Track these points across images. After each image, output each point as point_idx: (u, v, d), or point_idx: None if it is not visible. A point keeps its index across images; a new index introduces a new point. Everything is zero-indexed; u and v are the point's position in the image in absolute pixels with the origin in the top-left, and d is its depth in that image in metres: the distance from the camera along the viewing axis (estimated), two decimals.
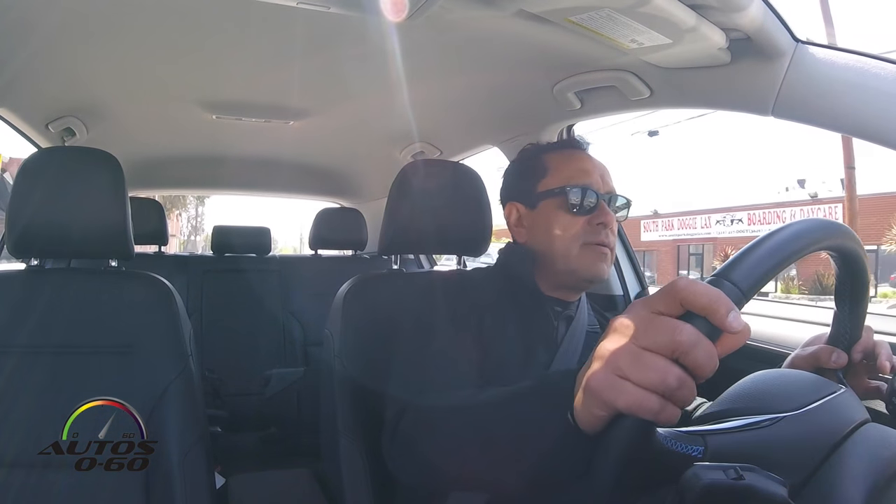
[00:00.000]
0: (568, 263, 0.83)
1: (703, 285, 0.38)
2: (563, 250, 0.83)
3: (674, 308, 0.38)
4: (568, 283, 0.86)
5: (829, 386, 0.54)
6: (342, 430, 0.97)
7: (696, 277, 7.65)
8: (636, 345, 0.38)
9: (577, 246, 0.83)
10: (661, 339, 0.37)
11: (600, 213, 0.83)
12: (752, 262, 0.42)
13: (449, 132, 1.59)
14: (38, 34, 0.97)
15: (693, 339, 0.36)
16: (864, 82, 0.69)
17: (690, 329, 0.37)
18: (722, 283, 0.41)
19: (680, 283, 0.38)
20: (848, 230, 0.53)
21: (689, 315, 0.38)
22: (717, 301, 0.37)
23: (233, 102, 1.40)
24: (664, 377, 0.36)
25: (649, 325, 0.38)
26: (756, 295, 0.42)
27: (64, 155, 1.06)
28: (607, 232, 0.83)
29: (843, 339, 0.61)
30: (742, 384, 0.54)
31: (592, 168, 0.87)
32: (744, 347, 0.40)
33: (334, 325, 1.06)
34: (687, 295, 0.37)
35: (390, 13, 0.79)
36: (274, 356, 2.10)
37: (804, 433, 0.47)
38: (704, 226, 18.18)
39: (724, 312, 0.37)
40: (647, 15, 0.73)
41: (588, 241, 0.83)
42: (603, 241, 0.83)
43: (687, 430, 0.45)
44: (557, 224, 0.84)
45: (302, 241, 30.41)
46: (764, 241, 0.44)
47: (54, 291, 0.95)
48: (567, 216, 0.84)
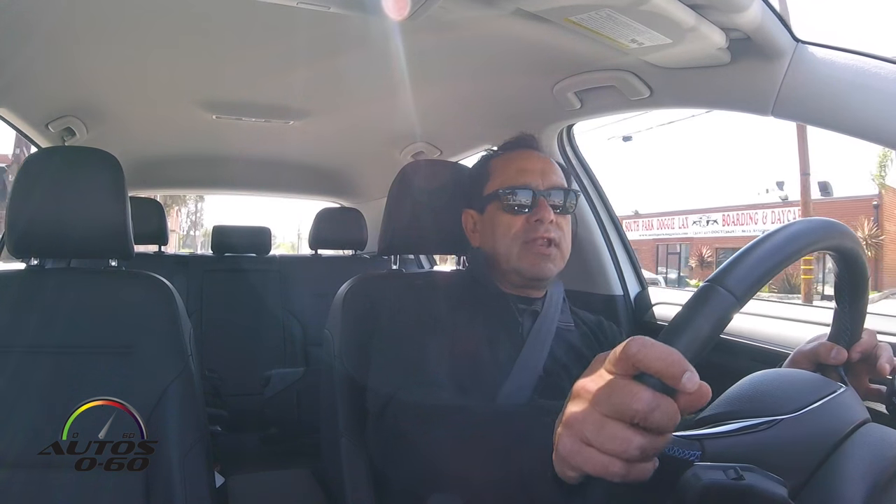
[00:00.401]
0: (510, 263, 0.86)
1: (657, 348, 0.38)
2: (505, 251, 0.87)
3: (630, 370, 0.39)
4: (517, 282, 0.88)
5: (829, 385, 0.54)
6: (343, 429, 0.97)
7: (674, 276, 7.69)
8: (598, 411, 0.39)
9: (517, 245, 0.86)
10: (620, 406, 0.38)
11: (537, 210, 0.84)
12: (746, 268, 0.42)
13: (449, 132, 1.60)
14: (38, 34, 0.97)
15: (651, 406, 0.37)
16: (864, 82, 0.69)
17: (647, 396, 0.37)
18: (716, 290, 0.41)
19: (632, 348, 0.38)
20: (846, 229, 0.52)
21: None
22: (670, 365, 0.37)
23: (233, 102, 1.40)
24: (626, 446, 0.37)
25: (609, 390, 0.39)
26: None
27: (64, 155, 1.06)
28: (547, 227, 0.85)
29: (844, 337, 0.61)
30: (740, 385, 0.53)
31: (532, 166, 0.89)
32: (744, 347, 0.40)
33: (334, 326, 1.06)
34: (640, 359, 0.38)
35: (390, 13, 0.79)
36: (274, 356, 2.10)
37: (802, 436, 0.47)
38: (682, 226, 18.74)
39: (679, 376, 0.37)
40: (647, 14, 0.73)
41: (527, 238, 0.85)
42: (542, 235, 0.84)
43: (684, 435, 0.45)
44: (499, 225, 0.87)
45: (300, 237, 30.91)
46: (759, 244, 0.44)
47: (54, 291, 0.95)
48: (506, 217, 0.87)
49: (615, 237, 1.36)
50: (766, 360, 0.92)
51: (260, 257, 2.35)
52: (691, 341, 0.40)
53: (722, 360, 0.89)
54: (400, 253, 1.17)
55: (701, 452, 0.43)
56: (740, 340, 1.01)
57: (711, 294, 0.41)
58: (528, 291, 0.89)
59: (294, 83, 1.25)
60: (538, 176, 0.87)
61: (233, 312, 2.14)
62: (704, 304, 0.41)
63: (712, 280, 0.42)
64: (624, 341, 0.39)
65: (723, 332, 0.41)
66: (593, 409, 0.39)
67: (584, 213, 1.32)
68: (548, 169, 0.89)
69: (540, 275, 0.86)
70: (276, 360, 2.08)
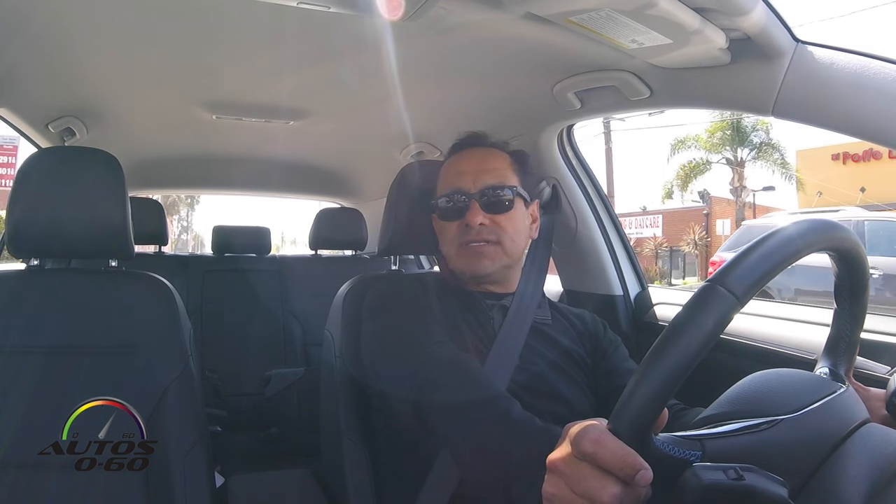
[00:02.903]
0: (453, 265, 0.91)
1: (610, 448, 0.40)
2: (447, 255, 0.92)
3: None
4: (468, 281, 0.91)
5: (830, 385, 0.54)
6: (344, 429, 0.97)
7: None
8: (572, 491, 0.42)
9: (454, 248, 0.89)
10: (590, 494, 0.41)
11: (468, 215, 0.87)
12: (746, 267, 0.42)
13: (449, 132, 1.58)
14: (38, 34, 0.97)
15: (616, 498, 0.40)
16: (864, 82, 0.69)
17: (613, 490, 0.40)
18: (716, 289, 0.41)
19: (587, 448, 0.41)
20: (845, 229, 0.52)
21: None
22: (624, 466, 0.40)
23: (233, 102, 1.40)
24: None
25: (579, 476, 0.42)
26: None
27: (64, 155, 1.06)
28: (478, 230, 0.86)
29: (844, 336, 0.61)
30: (740, 386, 0.53)
31: (468, 167, 0.91)
32: (744, 347, 0.40)
33: (334, 326, 1.06)
34: (595, 459, 0.41)
35: (389, 13, 0.79)
36: (274, 356, 2.10)
37: (802, 436, 0.47)
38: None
39: (632, 475, 0.39)
40: (652, 17, 0.73)
41: (461, 242, 0.88)
42: (473, 238, 0.87)
43: (684, 435, 0.45)
44: (441, 232, 0.93)
45: (283, 240, 32.52)
46: (759, 244, 0.44)
47: (54, 291, 0.95)
48: (444, 223, 0.91)
49: (615, 237, 1.36)
50: (766, 360, 0.93)
51: (260, 257, 2.34)
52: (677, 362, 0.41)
53: (722, 361, 0.89)
54: (400, 253, 1.17)
55: (701, 452, 0.43)
56: (740, 340, 1.01)
57: (713, 293, 0.41)
58: (491, 288, 0.92)
59: (294, 84, 1.25)
60: (470, 178, 0.89)
61: (233, 312, 2.13)
62: (705, 304, 0.41)
63: (713, 280, 0.42)
64: (582, 428, 0.42)
65: (723, 331, 0.42)
66: (568, 490, 0.42)
67: (584, 213, 1.32)
68: (484, 168, 0.90)
69: (476, 272, 0.88)
70: (276, 360, 2.08)
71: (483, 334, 0.87)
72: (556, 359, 0.88)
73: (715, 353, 0.44)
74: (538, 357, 0.87)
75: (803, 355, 0.88)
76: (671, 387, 0.41)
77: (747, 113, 0.94)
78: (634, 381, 0.42)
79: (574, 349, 0.91)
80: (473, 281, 0.91)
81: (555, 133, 1.29)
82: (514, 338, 0.87)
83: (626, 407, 0.42)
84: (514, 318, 0.88)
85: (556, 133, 1.30)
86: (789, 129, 56.67)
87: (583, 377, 0.89)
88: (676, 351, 0.41)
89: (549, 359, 0.87)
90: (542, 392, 0.84)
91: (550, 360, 0.87)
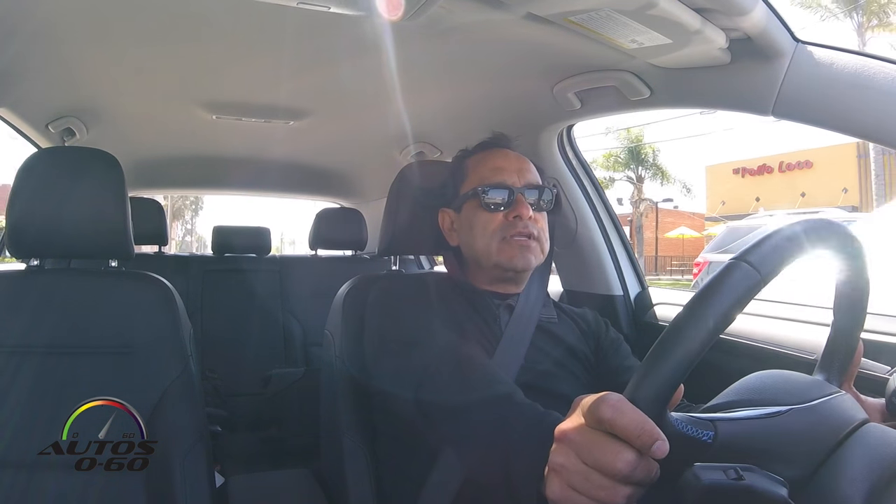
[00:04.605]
0: (491, 259, 0.88)
1: (628, 416, 0.39)
2: (484, 247, 0.88)
3: (608, 428, 0.40)
4: (498, 276, 0.90)
5: (830, 387, 0.54)
6: (345, 429, 0.97)
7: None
8: (583, 462, 0.41)
9: (496, 241, 0.87)
10: (603, 463, 0.39)
11: (515, 207, 0.86)
12: (770, 247, 0.43)
13: (449, 132, 1.59)
14: (38, 35, 0.97)
15: (633, 466, 0.39)
16: (864, 82, 0.69)
17: (630, 458, 0.39)
18: (740, 265, 0.41)
19: (605, 413, 0.39)
20: (845, 229, 0.52)
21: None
22: (641, 435, 0.38)
23: (232, 103, 1.40)
24: (613, 497, 0.40)
25: (591, 445, 0.40)
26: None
27: (64, 155, 1.06)
28: (526, 223, 0.86)
29: (844, 336, 0.61)
30: (747, 380, 0.54)
31: (507, 164, 0.90)
32: (744, 347, 0.40)
33: (335, 326, 1.06)
34: (613, 425, 0.39)
35: (389, 12, 0.79)
36: (274, 356, 2.10)
37: (812, 425, 0.47)
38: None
39: (649, 445, 0.38)
40: (653, 17, 0.73)
41: (506, 234, 0.87)
42: (521, 231, 0.86)
43: (698, 416, 0.44)
44: (478, 223, 0.89)
45: (283, 241, 34.01)
46: (784, 229, 0.44)
47: (54, 291, 0.95)
48: (485, 214, 0.88)
49: (615, 237, 1.36)
50: (766, 361, 0.93)
51: (260, 257, 2.35)
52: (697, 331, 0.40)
53: (722, 361, 0.89)
54: (400, 254, 1.17)
55: (714, 433, 0.43)
56: (740, 340, 1.01)
57: (737, 269, 0.42)
58: (506, 287, 0.91)
59: (294, 84, 1.25)
60: (514, 174, 0.89)
61: (233, 312, 2.13)
62: (729, 279, 0.42)
63: (738, 257, 0.42)
64: (600, 396, 0.40)
65: (745, 307, 0.42)
66: (578, 460, 0.41)
67: (584, 213, 1.32)
68: (523, 167, 0.91)
69: (521, 266, 0.87)
70: (276, 360, 2.08)
71: (489, 333, 0.87)
72: (560, 357, 0.88)
73: (715, 353, 0.44)
74: (543, 356, 0.87)
75: (803, 355, 0.88)
76: (691, 360, 0.40)
77: (747, 113, 0.94)
78: (654, 353, 0.41)
79: (579, 347, 0.91)
80: (511, 275, 0.89)
81: (555, 133, 1.30)
82: (521, 337, 0.87)
83: (646, 378, 0.41)
84: (520, 317, 0.89)
85: (556, 133, 1.30)
86: (698, 146, 57.24)
87: (586, 376, 0.90)
88: (697, 324, 0.41)
89: (554, 357, 0.87)
90: (547, 391, 0.84)
91: (555, 358, 0.87)
